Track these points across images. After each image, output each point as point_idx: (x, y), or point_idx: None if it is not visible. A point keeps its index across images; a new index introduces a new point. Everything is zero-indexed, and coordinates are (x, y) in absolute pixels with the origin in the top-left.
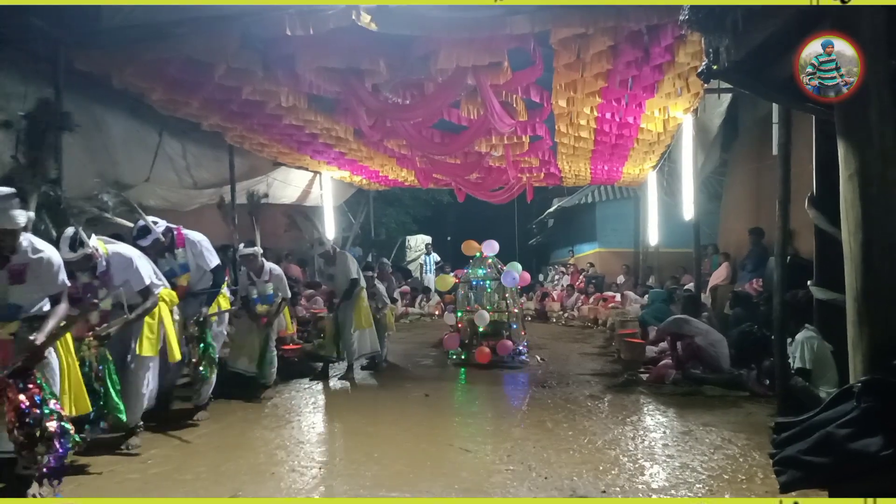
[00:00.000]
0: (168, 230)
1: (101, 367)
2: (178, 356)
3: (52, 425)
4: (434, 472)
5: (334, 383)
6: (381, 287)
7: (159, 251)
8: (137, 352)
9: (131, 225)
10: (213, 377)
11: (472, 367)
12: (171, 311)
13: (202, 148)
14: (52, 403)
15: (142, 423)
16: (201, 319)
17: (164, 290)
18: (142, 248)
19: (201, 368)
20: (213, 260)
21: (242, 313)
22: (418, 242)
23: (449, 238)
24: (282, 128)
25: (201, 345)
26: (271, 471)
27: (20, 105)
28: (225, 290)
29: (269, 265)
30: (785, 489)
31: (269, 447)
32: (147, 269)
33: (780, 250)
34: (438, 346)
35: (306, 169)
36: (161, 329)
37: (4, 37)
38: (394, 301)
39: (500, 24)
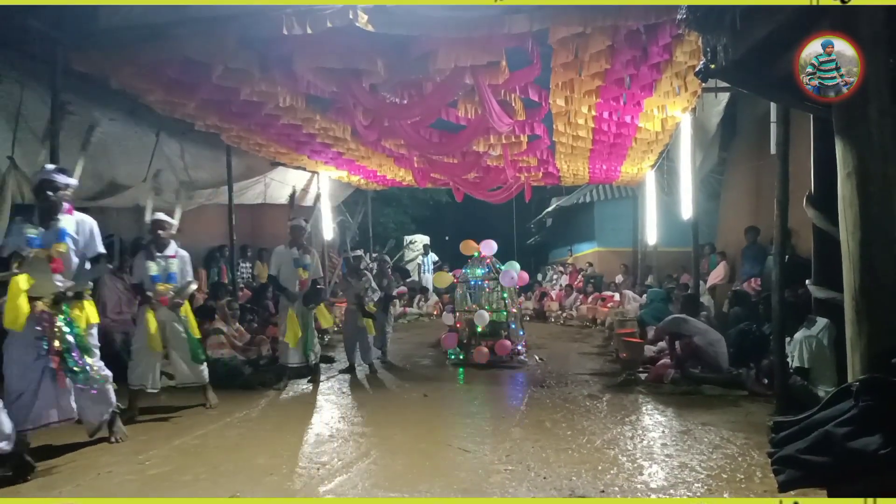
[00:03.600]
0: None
1: None
2: None
3: None
4: (433, 473)
5: (332, 384)
6: (371, 277)
7: (45, 207)
8: None
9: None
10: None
11: (471, 367)
12: None
13: (200, 148)
14: None
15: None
16: (64, 291)
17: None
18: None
19: (65, 355)
20: (100, 247)
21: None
22: (416, 242)
23: (447, 238)
24: (279, 127)
25: (60, 317)
26: (270, 471)
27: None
28: (88, 296)
29: (176, 245)
30: (784, 488)
31: (267, 448)
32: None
33: (778, 249)
34: (437, 346)
35: (304, 169)
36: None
37: (2, 38)
38: (388, 301)
39: (498, 23)
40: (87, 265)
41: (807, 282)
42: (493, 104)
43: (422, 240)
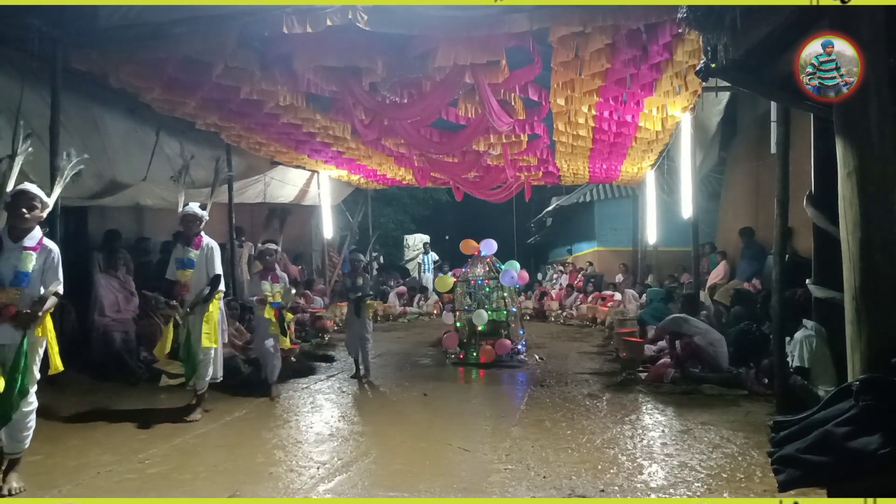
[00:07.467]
0: None
1: None
2: None
3: None
4: (432, 472)
5: (331, 384)
6: (287, 281)
7: None
8: None
9: None
10: None
11: (471, 367)
12: None
13: (200, 147)
14: None
15: None
16: None
17: None
18: None
19: None
20: None
21: None
22: (416, 241)
23: (447, 237)
24: (279, 126)
25: None
26: (269, 470)
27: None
28: None
29: (41, 234)
30: (783, 488)
31: (267, 447)
32: None
33: (778, 249)
34: (437, 345)
35: (304, 168)
36: None
37: (2, 36)
38: (360, 301)
39: (498, 22)
40: None
41: (807, 281)
42: (493, 103)
43: (421, 239)
